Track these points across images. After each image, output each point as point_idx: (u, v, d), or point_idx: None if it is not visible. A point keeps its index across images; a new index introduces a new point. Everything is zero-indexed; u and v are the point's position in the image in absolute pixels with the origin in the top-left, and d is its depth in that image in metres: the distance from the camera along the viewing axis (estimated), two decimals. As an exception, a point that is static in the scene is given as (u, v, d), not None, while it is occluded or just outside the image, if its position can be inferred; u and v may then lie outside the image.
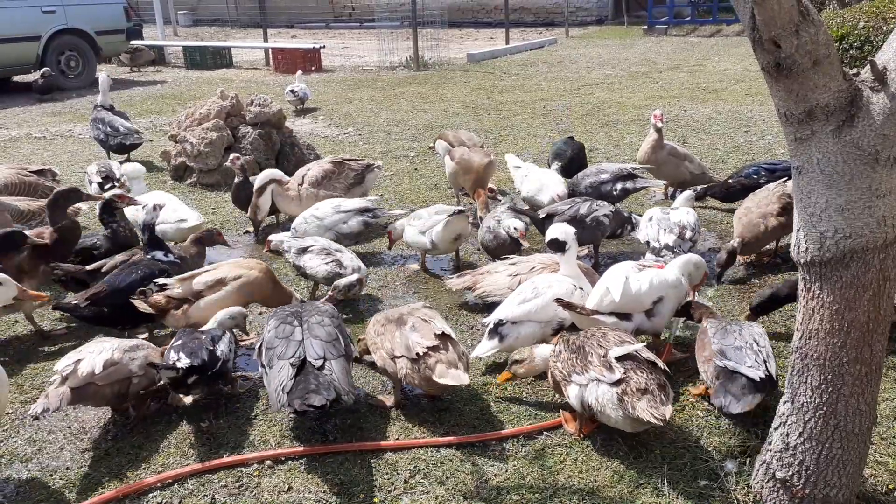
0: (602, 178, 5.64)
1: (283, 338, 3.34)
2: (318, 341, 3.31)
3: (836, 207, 2.39)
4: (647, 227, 4.85)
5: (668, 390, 3.03)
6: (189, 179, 7.45)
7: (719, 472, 2.99)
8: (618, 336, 3.26)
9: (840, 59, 2.54)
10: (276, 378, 3.17)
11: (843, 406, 2.56)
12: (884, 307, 2.48)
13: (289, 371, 3.16)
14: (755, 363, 3.17)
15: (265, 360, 3.33)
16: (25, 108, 11.95)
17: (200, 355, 3.38)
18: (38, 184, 6.09)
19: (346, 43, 20.66)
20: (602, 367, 3.07)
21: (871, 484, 2.88)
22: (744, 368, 3.15)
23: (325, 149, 8.44)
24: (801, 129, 2.40)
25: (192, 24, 26.45)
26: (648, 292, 3.65)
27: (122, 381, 3.33)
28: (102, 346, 3.43)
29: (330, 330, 3.40)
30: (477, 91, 12.41)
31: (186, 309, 3.96)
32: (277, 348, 3.30)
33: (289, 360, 3.22)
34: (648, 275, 3.72)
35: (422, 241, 5.02)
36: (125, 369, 3.34)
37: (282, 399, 3.09)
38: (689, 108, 10.26)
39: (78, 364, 3.28)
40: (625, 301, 3.62)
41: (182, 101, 11.60)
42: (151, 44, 16.79)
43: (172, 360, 3.36)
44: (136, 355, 3.42)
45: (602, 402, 3.03)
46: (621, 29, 22.24)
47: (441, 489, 2.98)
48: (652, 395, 2.95)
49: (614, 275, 3.74)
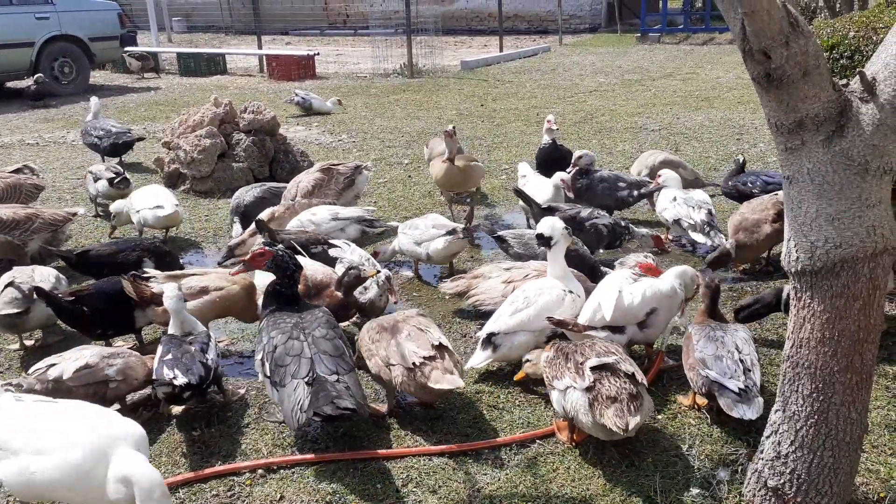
0: (619, 186, 5.74)
1: (294, 355, 3.25)
2: (328, 357, 3.27)
3: (826, 217, 2.41)
4: (673, 206, 5.21)
5: (641, 402, 3.02)
6: (182, 186, 7.44)
7: (711, 481, 2.99)
8: (605, 346, 3.25)
9: (830, 69, 2.56)
10: (293, 397, 3.12)
11: (835, 415, 2.56)
12: (874, 316, 2.49)
13: (304, 389, 3.12)
14: (735, 373, 3.18)
15: (276, 377, 3.24)
16: (18, 115, 11.91)
17: (196, 371, 3.36)
18: (21, 183, 6.00)
19: (341, 50, 20.69)
20: (576, 375, 3.10)
21: (862, 492, 2.89)
22: (724, 380, 3.17)
23: (318, 156, 8.44)
24: (792, 140, 2.42)
25: (186, 31, 26.45)
26: (641, 305, 3.66)
27: (97, 384, 3.39)
28: (81, 353, 3.49)
29: (337, 343, 3.37)
30: (471, 98, 12.45)
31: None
32: (290, 366, 3.22)
33: (303, 379, 3.16)
34: (642, 286, 3.72)
35: (417, 252, 5.02)
36: (100, 374, 3.40)
37: (300, 418, 3.06)
38: (682, 115, 10.31)
39: (50, 368, 3.37)
40: (617, 316, 3.63)
41: (176, 108, 11.59)
42: (146, 50, 16.78)
43: (168, 376, 3.33)
44: (113, 361, 3.48)
45: (575, 408, 3.07)
46: (614, 37, 22.34)
47: (434, 498, 2.97)
48: (620, 405, 2.96)
49: (607, 288, 3.74)
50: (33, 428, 2.65)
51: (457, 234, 4.88)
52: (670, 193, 5.32)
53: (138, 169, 8.28)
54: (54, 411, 2.74)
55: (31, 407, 2.76)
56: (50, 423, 2.66)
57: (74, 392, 3.32)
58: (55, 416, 2.71)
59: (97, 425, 2.64)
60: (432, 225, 5.02)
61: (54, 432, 2.61)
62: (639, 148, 8.43)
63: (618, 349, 3.27)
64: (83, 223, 6.45)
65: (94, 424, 2.64)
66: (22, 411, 2.74)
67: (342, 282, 4.12)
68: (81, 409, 2.77)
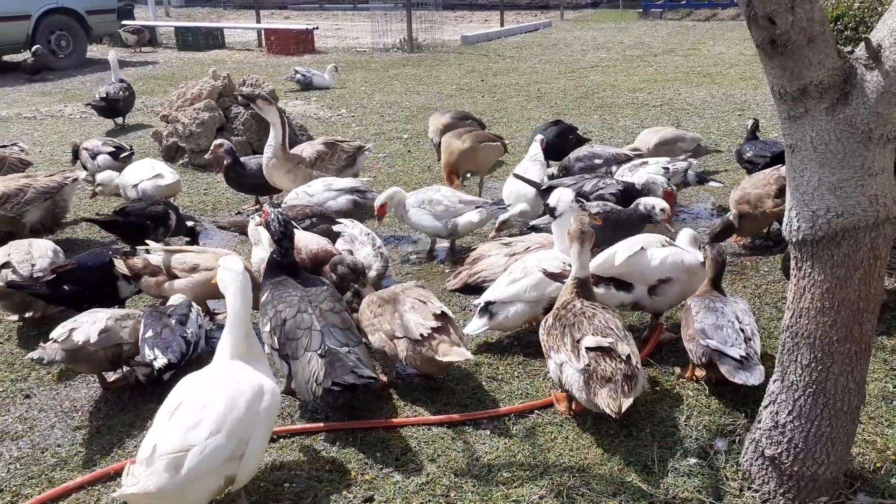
0: (595, 163, 5.64)
1: (305, 328, 3.25)
2: (338, 329, 3.27)
3: (828, 186, 2.39)
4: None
5: (635, 381, 3.01)
6: (181, 160, 7.40)
7: (709, 451, 3.01)
8: (604, 320, 3.17)
9: (834, 38, 2.52)
10: (307, 369, 3.13)
11: (833, 384, 2.57)
12: (874, 286, 2.49)
13: (318, 361, 3.13)
14: (735, 342, 3.19)
15: (287, 350, 3.23)
16: (15, 88, 11.82)
17: (176, 349, 3.35)
18: (5, 156, 5.94)
19: (340, 24, 20.50)
20: (572, 354, 3.08)
21: (858, 462, 2.90)
22: (725, 348, 3.17)
23: (317, 130, 8.39)
24: (795, 107, 2.40)
25: (183, 5, 26.17)
26: (658, 268, 3.61)
27: (114, 346, 3.43)
28: (96, 315, 3.50)
29: (344, 316, 3.38)
30: (471, 73, 12.35)
31: (161, 281, 3.97)
32: (302, 339, 3.22)
33: (316, 351, 3.16)
34: (665, 251, 3.67)
35: (435, 227, 4.94)
36: (116, 336, 3.44)
37: (317, 389, 3.07)
38: (684, 91, 10.24)
39: (72, 332, 3.37)
40: (628, 269, 3.59)
41: (174, 82, 11.51)
42: (143, 24, 16.62)
43: (148, 357, 3.33)
44: (125, 323, 3.51)
45: (570, 383, 3.08)
46: (616, 12, 22.12)
47: (432, 466, 2.99)
48: (614, 385, 2.95)
49: (631, 242, 3.71)
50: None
51: (488, 207, 4.97)
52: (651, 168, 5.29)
53: (135, 143, 8.23)
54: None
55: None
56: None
57: (94, 356, 3.37)
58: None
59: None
60: (459, 200, 4.98)
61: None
62: (640, 124, 8.38)
63: (616, 324, 3.19)
64: (81, 196, 6.42)
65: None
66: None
67: (336, 269, 3.93)
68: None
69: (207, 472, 2.41)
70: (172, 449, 2.37)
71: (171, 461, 2.34)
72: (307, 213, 4.78)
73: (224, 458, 2.46)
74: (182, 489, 2.36)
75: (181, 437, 2.42)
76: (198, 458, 2.38)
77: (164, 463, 2.34)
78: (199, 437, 2.43)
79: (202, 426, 2.46)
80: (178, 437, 2.41)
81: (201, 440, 2.42)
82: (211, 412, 2.50)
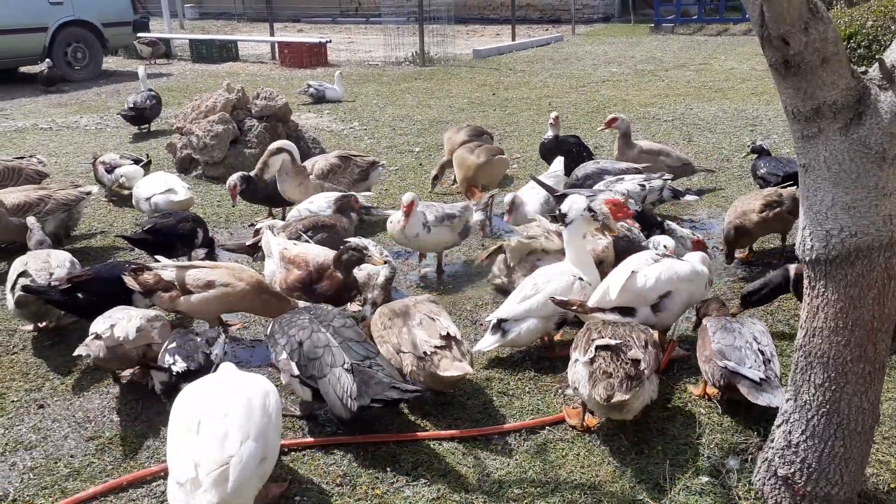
0: (605, 179, 5.65)
1: (322, 346, 3.23)
2: (355, 343, 3.28)
3: (842, 205, 2.39)
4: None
5: (638, 385, 3.01)
6: (195, 172, 7.47)
7: (721, 469, 2.99)
8: (626, 330, 3.23)
9: (848, 58, 2.53)
10: (337, 386, 3.09)
11: (847, 404, 2.56)
12: (888, 306, 2.48)
13: (348, 377, 3.10)
14: (755, 363, 3.17)
15: (311, 371, 3.20)
16: (32, 99, 11.97)
17: (196, 360, 3.37)
18: (22, 167, 5.99)
19: (352, 38, 20.63)
20: (583, 349, 3.15)
21: (872, 483, 2.88)
22: (744, 370, 3.15)
23: (330, 143, 8.45)
24: (809, 127, 2.40)
25: (198, 18, 26.45)
26: (654, 287, 3.61)
27: (146, 346, 3.58)
28: (129, 313, 3.65)
29: (357, 330, 3.40)
30: (482, 87, 12.40)
31: (174, 296, 3.98)
32: (324, 356, 3.19)
33: (342, 366, 3.14)
34: (658, 268, 3.66)
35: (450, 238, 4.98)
36: (148, 335, 3.60)
37: (352, 406, 3.04)
38: (695, 106, 10.24)
39: (113, 328, 3.52)
40: (625, 297, 3.59)
41: (188, 94, 11.61)
42: (158, 36, 16.80)
43: (168, 362, 3.36)
44: (156, 324, 3.69)
45: (578, 379, 3.13)
46: (628, 27, 22.18)
47: (443, 482, 2.99)
48: (612, 380, 2.99)
49: (621, 270, 3.71)
50: None
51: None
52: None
53: (150, 155, 8.30)
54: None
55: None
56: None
57: (128, 353, 3.51)
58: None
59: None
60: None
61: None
62: (651, 138, 8.38)
63: (640, 336, 3.21)
64: (96, 206, 6.48)
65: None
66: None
67: (340, 259, 4.04)
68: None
69: (250, 477, 2.51)
70: (215, 464, 2.44)
71: (217, 476, 2.42)
72: (301, 229, 4.77)
73: (258, 460, 2.55)
74: (235, 499, 2.45)
75: (218, 451, 2.48)
76: (240, 468, 2.46)
77: (211, 480, 2.41)
78: (234, 447, 2.50)
79: (232, 436, 2.53)
80: (216, 452, 2.48)
81: (236, 449, 2.49)
82: (234, 421, 2.57)
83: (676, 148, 7.96)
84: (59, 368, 3.93)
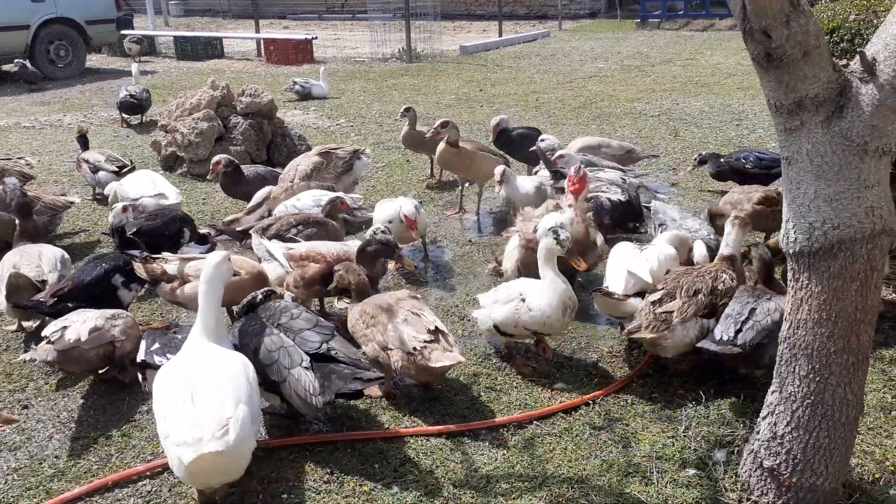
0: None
1: (277, 349, 3.18)
2: (307, 331, 3.25)
3: (824, 198, 2.41)
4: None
5: (667, 328, 3.41)
6: (179, 169, 7.42)
7: (707, 462, 3.01)
8: (710, 281, 3.54)
9: (830, 52, 2.55)
10: (299, 385, 3.05)
11: (831, 395, 2.57)
12: (871, 297, 2.50)
13: (307, 375, 3.07)
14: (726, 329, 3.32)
15: (273, 375, 3.13)
16: (14, 98, 11.84)
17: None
18: (6, 168, 5.98)
19: (339, 34, 20.58)
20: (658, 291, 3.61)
21: (857, 473, 2.90)
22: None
23: (316, 140, 8.41)
24: (791, 120, 2.41)
25: (183, 15, 26.26)
26: (660, 269, 3.81)
27: (106, 345, 3.51)
28: (85, 315, 3.58)
29: (307, 316, 3.35)
30: (469, 83, 12.39)
31: (175, 287, 3.99)
32: (281, 359, 3.14)
33: (301, 365, 3.10)
34: (654, 252, 3.89)
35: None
36: (107, 335, 3.52)
37: (317, 403, 3.00)
38: (682, 101, 10.28)
39: (64, 331, 3.46)
40: (652, 278, 3.75)
41: (173, 92, 11.53)
42: (142, 33, 16.67)
43: (158, 361, 3.35)
44: (116, 322, 3.60)
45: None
46: (614, 22, 22.23)
47: (431, 478, 2.98)
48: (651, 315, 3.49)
49: (626, 257, 3.89)
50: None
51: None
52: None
53: (134, 152, 8.24)
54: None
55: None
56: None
57: (86, 355, 3.44)
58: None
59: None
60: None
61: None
62: (638, 133, 8.42)
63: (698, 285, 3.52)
64: (80, 205, 6.42)
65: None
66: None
67: (365, 250, 3.94)
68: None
69: (247, 435, 2.71)
70: (217, 424, 2.62)
71: (221, 432, 2.60)
72: (291, 223, 4.74)
73: (251, 419, 2.75)
74: (236, 451, 2.64)
75: (220, 413, 2.66)
76: (238, 425, 2.66)
77: (216, 435, 2.59)
78: (231, 409, 2.69)
79: (227, 401, 2.72)
80: (218, 413, 2.66)
81: (233, 411, 2.69)
82: (225, 390, 2.76)
83: (662, 143, 8.01)
84: (43, 369, 3.89)
